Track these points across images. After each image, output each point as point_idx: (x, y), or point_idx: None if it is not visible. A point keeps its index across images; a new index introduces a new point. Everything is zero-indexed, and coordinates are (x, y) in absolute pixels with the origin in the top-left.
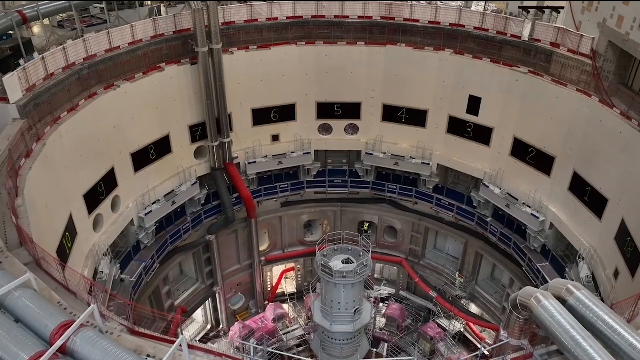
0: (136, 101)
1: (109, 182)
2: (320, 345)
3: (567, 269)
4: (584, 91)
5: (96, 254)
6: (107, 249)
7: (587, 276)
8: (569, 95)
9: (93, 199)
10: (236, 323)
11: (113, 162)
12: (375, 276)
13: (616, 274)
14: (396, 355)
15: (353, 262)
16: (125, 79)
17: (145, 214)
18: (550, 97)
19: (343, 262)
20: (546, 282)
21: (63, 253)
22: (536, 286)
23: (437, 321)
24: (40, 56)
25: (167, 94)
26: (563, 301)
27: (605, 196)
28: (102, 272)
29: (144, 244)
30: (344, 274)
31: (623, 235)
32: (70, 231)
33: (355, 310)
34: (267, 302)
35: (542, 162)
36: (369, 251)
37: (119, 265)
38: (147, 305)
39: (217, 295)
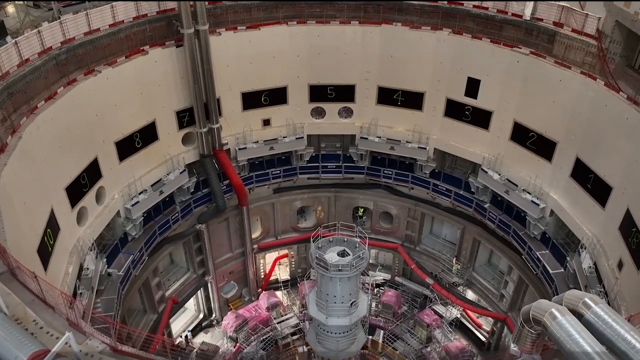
0: (119, 87)
1: (92, 173)
2: (316, 338)
3: (568, 258)
4: (589, 74)
5: (81, 249)
6: (93, 243)
7: (590, 266)
8: (572, 77)
9: (76, 191)
10: (229, 312)
11: (96, 152)
12: (370, 261)
13: (620, 265)
14: (392, 343)
15: (349, 254)
16: (106, 63)
17: (132, 205)
18: (552, 80)
19: (338, 255)
20: (546, 271)
21: (45, 251)
22: (536, 274)
23: (434, 308)
24: (13, 40)
25: (151, 78)
26: (579, 315)
27: (610, 184)
28: (88, 269)
29: (132, 236)
30: (340, 268)
31: (628, 226)
32: (52, 227)
33: (351, 303)
34: (260, 290)
35: (543, 147)
36: (366, 242)
37: (105, 260)
38: (136, 298)
39: (209, 285)
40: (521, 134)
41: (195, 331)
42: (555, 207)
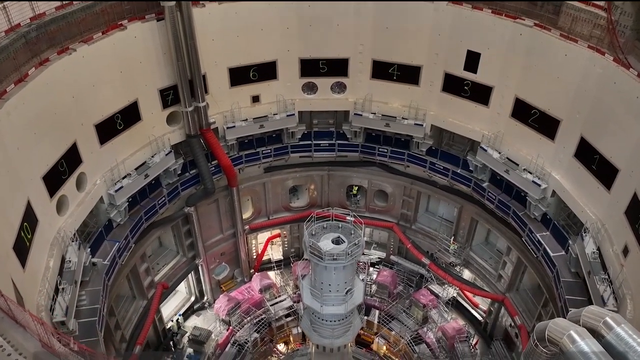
0: (96, 66)
1: (71, 159)
2: (311, 326)
3: (570, 242)
4: (597, 48)
5: (62, 241)
6: (74, 234)
7: (594, 252)
8: (579, 52)
9: (54, 179)
10: (221, 295)
11: (75, 137)
12: (365, 239)
13: (625, 251)
14: (387, 323)
15: (344, 242)
16: (81, 40)
17: (116, 190)
18: (557, 54)
19: (333, 242)
20: (547, 254)
21: (22, 247)
22: (536, 257)
23: (430, 287)
24: None
25: (131, 55)
26: (599, 336)
27: (616, 166)
28: (70, 261)
29: (116, 223)
30: (335, 256)
31: (635, 211)
32: (29, 220)
33: (346, 291)
34: (252, 271)
35: (545, 125)
36: (362, 224)
37: (89, 250)
38: (125, 284)
39: (200, 267)
40: (523, 111)
41: (186, 314)
42: (558, 188)
